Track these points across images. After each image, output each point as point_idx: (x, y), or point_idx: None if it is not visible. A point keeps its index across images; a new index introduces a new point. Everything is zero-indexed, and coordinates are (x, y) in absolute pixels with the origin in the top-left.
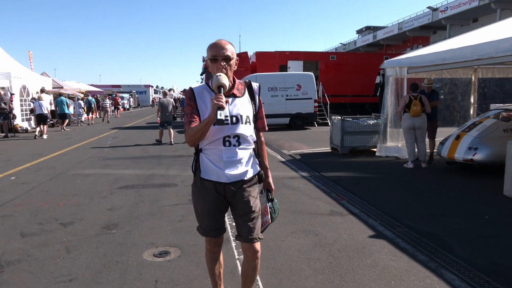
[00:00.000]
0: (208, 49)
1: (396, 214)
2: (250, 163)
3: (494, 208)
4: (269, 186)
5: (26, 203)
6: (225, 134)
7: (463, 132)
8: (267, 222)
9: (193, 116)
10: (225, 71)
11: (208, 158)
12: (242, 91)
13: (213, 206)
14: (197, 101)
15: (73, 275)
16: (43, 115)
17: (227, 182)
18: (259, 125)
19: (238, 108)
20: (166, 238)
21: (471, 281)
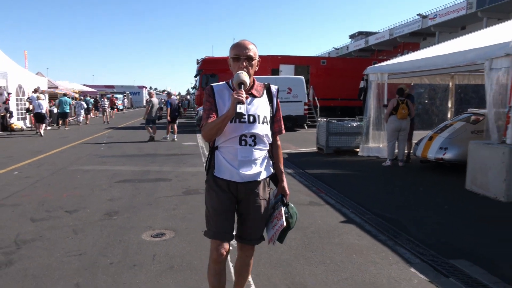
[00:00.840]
0: (231, 48)
1: (367, 205)
2: (264, 164)
3: (454, 200)
4: (283, 190)
5: (32, 194)
6: (242, 132)
7: (436, 134)
8: (282, 225)
9: (211, 112)
10: (246, 70)
11: (223, 156)
12: (261, 92)
13: (225, 205)
14: (216, 98)
15: (82, 250)
16: (41, 114)
17: (240, 181)
18: (275, 128)
19: (256, 107)
20: (161, 223)
21: (418, 254)
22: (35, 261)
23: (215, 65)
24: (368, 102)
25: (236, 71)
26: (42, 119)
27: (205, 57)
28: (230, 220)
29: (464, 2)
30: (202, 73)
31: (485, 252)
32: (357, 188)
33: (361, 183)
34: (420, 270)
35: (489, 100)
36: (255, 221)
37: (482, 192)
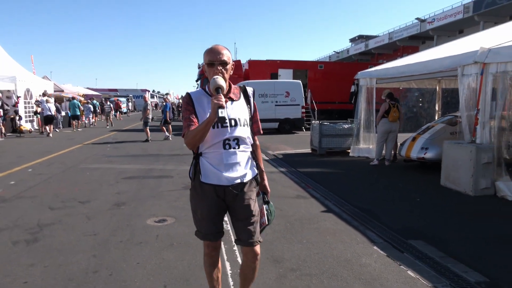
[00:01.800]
0: (205, 54)
1: (348, 198)
2: (249, 165)
3: (428, 194)
4: (265, 188)
5: (47, 188)
6: (225, 137)
7: (418, 135)
8: (264, 223)
9: (191, 120)
10: (221, 75)
11: (208, 162)
12: (238, 95)
13: (212, 210)
14: (195, 105)
15: (96, 232)
16: (50, 116)
17: (228, 184)
18: (254, 128)
19: (236, 111)
20: (164, 211)
21: (383, 236)
22: (56, 239)
23: None
24: (358, 105)
25: (211, 77)
26: (51, 121)
27: None
28: (218, 223)
29: (461, 7)
30: (203, 77)
31: (441, 234)
32: (342, 184)
33: (347, 180)
34: (381, 248)
35: (462, 104)
36: (246, 221)
37: (454, 187)
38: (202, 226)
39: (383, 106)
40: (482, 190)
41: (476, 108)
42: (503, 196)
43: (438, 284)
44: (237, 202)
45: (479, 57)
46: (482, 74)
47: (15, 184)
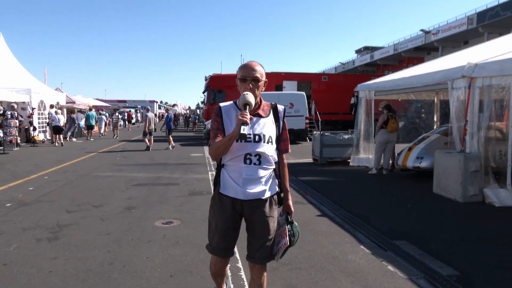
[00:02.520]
0: (239, 69)
1: (344, 204)
2: (269, 183)
3: (420, 201)
4: (288, 208)
5: (63, 194)
6: (247, 151)
7: (414, 145)
8: (285, 244)
9: (218, 132)
10: (252, 91)
11: (228, 174)
12: (268, 112)
13: (227, 222)
14: (223, 117)
15: (109, 231)
16: (59, 127)
17: (244, 199)
18: (281, 146)
19: (262, 127)
20: (170, 214)
21: (371, 237)
22: (74, 237)
23: (222, 81)
24: (358, 116)
25: (242, 92)
26: (60, 131)
27: (212, 74)
28: (231, 238)
29: (465, 18)
30: (210, 89)
31: (424, 236)
32: (340, 191)
33: (344, 188)
34: (367, 247)
35: (452, 115)
36: (262, 239)
37: (445, 194)
38: (214, 239)
39: (382, 117)
40: (471, 197)
41: (465, 119)
42: (490, 202)
43: (413, 276)
44: (255, 218)
45: (466, 72)
46: (470, 88)
47: (34, 190)
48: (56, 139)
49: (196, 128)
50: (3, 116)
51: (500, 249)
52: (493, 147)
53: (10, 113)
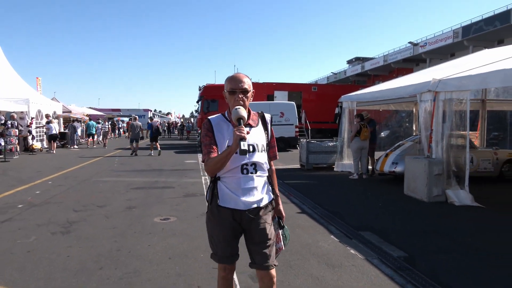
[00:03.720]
0: (227, 82)
1: (322, 203)
2: (265, 190)
3: (390, 201)
4: (280, 213)
5: (68, 196)
6: (243, 162)
7: (391, 152)
8: (280, 249)
9: (211, 147)
10: (242, 103)
11: (226, 186)
12: (256, 121)
13: (229, 233)
14: (215, 132)
15: (114, 226)
16: (53, 135)
17: (244, 209)
18: (271, 153)
19: (254, 137)
20: (167, 212)
21: (341, 229)
22: (84, 231)
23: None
24: (342, 125)
25: (232, 104)
26: (54, 139)
27: (206, 84)
28: (233, 246)
29: (451, 32)
30: (204, 98)
31: (387, 228)
32: (321, 193)
33: (325, 190)
34: (336, 236)
35: (421, 125)
36: (262, 244)
37: (414, 195)
38: (218, 249)
39: (355, 126)
40: (435, 197)
41: (430, 128)
42: (451, 202)
43: (369, 257)
44: (253, 226)
45: (431, 86)
46: (435, 101)
47: (41, 193)
48: (52, 147)
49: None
50: (4, 125)
51: (444, 239)
52: (455, 153)
53: (10, 123)
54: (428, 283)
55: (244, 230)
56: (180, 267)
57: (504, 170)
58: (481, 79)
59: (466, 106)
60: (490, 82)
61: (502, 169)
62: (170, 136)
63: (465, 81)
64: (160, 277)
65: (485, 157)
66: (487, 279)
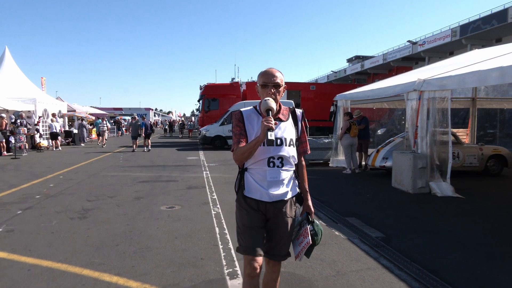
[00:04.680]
0: (260, 76)
1: (315, 194)
2: (291, 184)
3: (378, 192)
4: (308, 208)
5: (80, 188)
6: (270, 155)
7: (381, 147)
8: (308, 243)
9: (241, 137)
10: (273, 96)
11: (252, 177)
12: (287, 116)
13: (254, 221)
14: (245, 123)
15: (125, 213)
16: (55, 133)
17: (269, 201)
18: (300, 148)
19: (283, 131)
20: (172, 202)
21: (329, 215)
22: (99, 217)
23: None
24: (337, 123)
25: (264, 97)
26: (56, 137)
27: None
28: (260, 236)
29: (449, 31)
30: (205, 97)
31: (371, 215)
32: (314, 185)
33: (319, 183)
34: (324, 221)
35: (408, 122)
36: (282, 238)
37: (400, 187)
38: (244, 238)
39: (345, 124)
40: (419, 189)
41: (416, 125)
42: (434, 193)
43: (351, 237)
44: (278, 218)
45: (416, 86)
46: (420, 99)
47: (54, 186)
48: (54, 144)
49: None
50: (14, 124)
51: (420, 223)
52: (439, 148)
53: (20, 122)
54: (398, 257)
55: (267, 220)
56: (185, 244)
57: (489, 165)
58: (460, 79)
59: (447, 104)
60: (467, 82)
61: (487, 164)
62: (171, 134)
63: (446, 81)
64: (168, 252)
65: (470, 152)
66: (449, 254)
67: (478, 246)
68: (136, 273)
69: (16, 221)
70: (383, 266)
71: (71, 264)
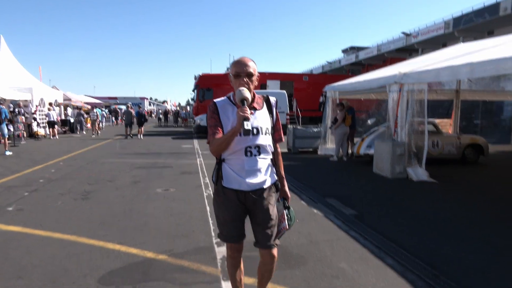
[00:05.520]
0: (232, 65)
1: (301, 179)
2: (269, 172)
3: (360, 177)
4: (285, 194)
5: (80, 173)
6: (247, 144)
7: (366, 136)
8: (284, 228)
9: (216, 128)
10: (247, 86)
11: (230, 168)
12: (261, 104)
13: (234, 213)
14: (220, 114)
15: (124, 195)
16: (52, 122)
17: (248, 190)
18: (276, 136)
19: (258, 120)
20: (167, 185)
21: (311, 196)
22: (100, 198)
23: (210, 80)
24: (325, 113)
25: (237, 87)
26: (53, 125)
27: (201, 74)
28: (239, 226)
29: (442, 23)
30: (199, 87)
31: (349, 196)
32: (301, 172)
33: (306, 170)
34: (305, 201)
35: (389, 112)
36: (265, 225)
37: (380, 173)
38: (224, 229)
39: (341, 114)
40: (397, 174)
41: (396, 115)
42: (411, 178)
43: (327, 214)
44: (257, 206)
45: (397, 79)
46: (400, 91)
47: (55, 171)
48: (51, 133)
49: (187, 124)
50: (13, 113)
51: (391, 203)
52: (417, 137)
53: (18, 110)
54: (366, 230)
55: (248, 211)
56: (179, 220)
57: (466, 153)
58: (435, 73)
59: (424, 96)
60: (442, 76)
61: (465, 152)
62: (166, 124)
63: (423, 75)
64: (164, 226)
65: (449, 141)
66: (412, 229)
67: (439, 224)
68: (136, 242)
69: (25, 202)
70: (351, 237)
71: (79, 236)
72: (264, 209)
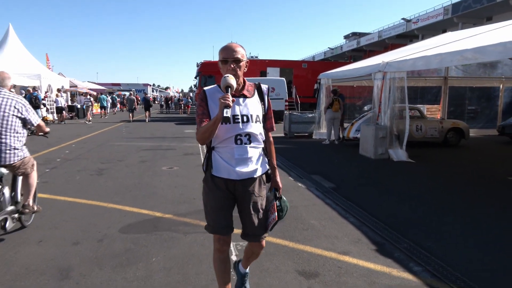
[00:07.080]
0: (220, 51)
1: (292, 160)
2: (260, 161)
3: (346, 158)
4: (276, 184)
5: (92, 154)
6: (237, 132)
7: (356, 121)
8: (274, 219)
9: (203, 117)
10: (234, 72)
11: (220, 156)
12: (252, 92)
13: (222, 203)
14: (208, 102)
15: (133, 172)
16: (61, 107)
17: (238, 179)
18: (267, 125)
19: (249, 107)
20: (171, 164)
21: (298, 174)
22: (113, 174)
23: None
24: (320, 99)
25: (225, 74)
26: (61, 111)
27: (204, 61)
28: (227, 217)
29: (441, 9)
30: (201, 74)
31: (332, 173)
32: (294, 153)
33: (298, 152)
34: (293, 178)
35: (374, 98)
36: (253, 217)
37: (365, 154)
38: (211, 219)
39: (328, 100)
40: (380, 155)
41: (379, 101)
42: (392, 158)
43: (309, 187)
44: (246, 197)
45: (381, 67)
46: (383, 79)
47: (70, 152)
48: (59, 118)
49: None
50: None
51: (368, 179)
52: (397, 121)
53: (28, 96)
54: (339, 198)
55: (237, 201)
56: (182, 191)
57: (448, 137)
58: (412, 63)
59: (404, 83)
60: (417, 66)
61: (447, 135)
62: (168, 110)
63: (401, 64)
64: (169, 195)
65: (432, 125)
66: (382, 200)
67: (403, 195)
68: (146, 206)
69: (47, 176)
70: (326, 203)
71: (99, 201)
72: (254, 200)
